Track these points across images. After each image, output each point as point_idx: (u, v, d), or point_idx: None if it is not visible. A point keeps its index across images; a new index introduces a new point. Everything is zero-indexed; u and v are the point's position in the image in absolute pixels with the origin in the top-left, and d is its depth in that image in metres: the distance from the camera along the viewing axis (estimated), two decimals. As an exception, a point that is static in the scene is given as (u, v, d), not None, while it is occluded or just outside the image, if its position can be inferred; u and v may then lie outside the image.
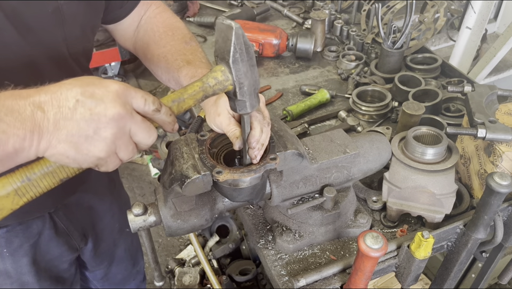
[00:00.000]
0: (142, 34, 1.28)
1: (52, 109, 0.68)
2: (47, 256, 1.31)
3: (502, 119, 1.28)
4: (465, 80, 1.72)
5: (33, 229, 1.23)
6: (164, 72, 1.19)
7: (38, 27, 0.98)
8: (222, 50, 0.84)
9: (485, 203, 1.03)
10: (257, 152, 0.94)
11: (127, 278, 1.82)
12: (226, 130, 0.96)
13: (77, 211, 1.38)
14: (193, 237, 1.74)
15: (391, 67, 1.81)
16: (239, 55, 0.82)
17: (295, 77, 1.93)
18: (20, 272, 1.26)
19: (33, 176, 0.75)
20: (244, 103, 0.87)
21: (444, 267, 1.25)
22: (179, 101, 0.83)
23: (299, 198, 1.14)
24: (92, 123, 0.68)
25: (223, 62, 0.84)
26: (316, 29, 2.04)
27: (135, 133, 0.74)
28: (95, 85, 0.70)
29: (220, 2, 2.49)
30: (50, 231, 1.28)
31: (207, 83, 0.84)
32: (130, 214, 1.04)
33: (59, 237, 1.32)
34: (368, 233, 0.89)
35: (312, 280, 1.07)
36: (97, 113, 0.68)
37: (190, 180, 0.92)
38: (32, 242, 1.24)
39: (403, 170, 1.16)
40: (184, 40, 1.22)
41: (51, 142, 0.69)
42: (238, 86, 0.84)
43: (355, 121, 1.60)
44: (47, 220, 1.27)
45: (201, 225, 1.07)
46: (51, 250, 1.32)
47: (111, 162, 0.75)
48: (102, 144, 0.71)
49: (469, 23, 2.36)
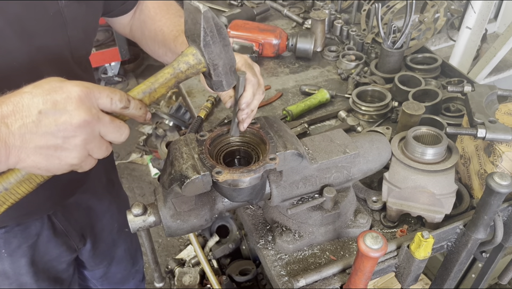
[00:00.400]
0: (138, 14, 1.29)
1: (15, 122, 0.65)
2: (46, 257, 1.31)
3: (502, 119, 1.28)
4: (465, 80, 1.72)
5: (32, 230, 1.23)
6: (161, 45, 1.19)
7: (40, 31, 0.97)
8: (192, 33, 0.81)
9: (484, 203, 1.03)
10: (245, 116, 0.95)
11: (126, 277, 1.82)
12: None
13: (76, 212, 1.38)
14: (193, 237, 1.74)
15: (391, 67, 1.81)
16: (210, 38, 0.80)
17: (295, 77, 1.92)
18: (18, 272, 1.26)
19: (9, 185, 0.74)
20: (220, 82, 0.86)
21: (443, 267, 1.25)
22: (150, 91, 0.81)
23: (299, 198, 1.14)
24: (59, 133, 0.67)
25: (194, 44, 0.82)
26: (315, 29, 2.04)
27: (105, 134, 0.73)
28: (56, 92, 0.67)
29: (220, 2, 2.49)
30: (48, 232, 1.28)
31: (179, 69, 0.82)
32: (129, 214, 1.04)
33: (57, 238, 1.32)
34: (368, 233, 0.89)
35: (312, 280, 1.07)
36: (62, 123, 0.66)
37: (189, 180, 0.92)
38: (31, 243, 1.24)
39: (403, 170, 1.16)
40: (178, 14, 1.23)
41: (20, 156, 0.67)
42: (212, 67, 0.83)
43: (355, 121, 1.60)
44: (46, 221, 1.27)
45: (201, 225, 1.07)
46: (49, 251, 1.32)
47: (86, 164, 0.74)
48: (74, 152, 0.69)
49: (469, 23, 2.36)
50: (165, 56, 1.20)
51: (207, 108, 1.68)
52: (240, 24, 2.01)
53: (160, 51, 1.22)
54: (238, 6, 2.43)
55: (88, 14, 1.10)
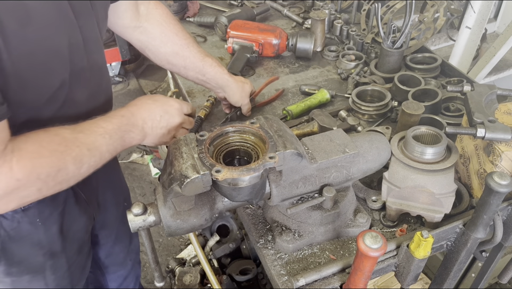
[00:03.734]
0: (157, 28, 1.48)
1: (150, 122, 1.20)
2: (73, 226, 1.36)
3: (501, 119, 1.29)
4: (464, 79, 1.72)
5: (60, 198, 1.28)
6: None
7: (82, 12, 1.09)
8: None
9: (484, 202, 1.03)
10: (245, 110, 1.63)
11: (126, 258, 1.88)
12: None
13: (92, 180, 1.40)
14: (193, 236, 1.74)
15: (390, 67, 1.81)
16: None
17: (295, 77, 1.93)
18: (51, 240, 1.30)
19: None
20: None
21: (443, 266, 1.25)
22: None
23: (298, 198, 1.14)
24: (167, 128, 1.24)
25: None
26: (315, 28, 2.04)
27: (185, 125, 1.31)
28: (167, 105, 1.24)
29: (220, 2, 2.50)
30: (72, 199, 1.33)
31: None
32: (129, 213, 1.04)
33: (79, 205, 1.37)
34: (367, 233, 0.89)
35: (311, 280, 1.07)
36: (171, 123, 1.24)
37: (189, 180, 0.92)
38: (60, 210, 1.29)
39: (402, 170, 1.16)
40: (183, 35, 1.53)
41: (147, 138, 1.22)
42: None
43: (355, 121, 1.60)
44: (69, 189, 1.30)
45: (201, 225, 1.07)
46: (75, 219, 1.37)
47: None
48: (168, 137, 1.27)
49: (469, 23, 2.36)
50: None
51: (207, 108, 1.68)
52: (240, 24, 2.02)
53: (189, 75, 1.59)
54: (238, 6, 2.43)
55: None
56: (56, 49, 1.03)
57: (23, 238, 1.23)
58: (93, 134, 1.05)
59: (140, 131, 1.18)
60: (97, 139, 1.05)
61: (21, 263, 1.28)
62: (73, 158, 0.99)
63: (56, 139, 0.98)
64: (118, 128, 1.11)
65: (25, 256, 1.27)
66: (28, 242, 1.25)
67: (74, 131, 1.02)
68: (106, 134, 1.07)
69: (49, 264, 1.33)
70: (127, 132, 1.14)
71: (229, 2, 2.49)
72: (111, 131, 1.09)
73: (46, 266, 1.33)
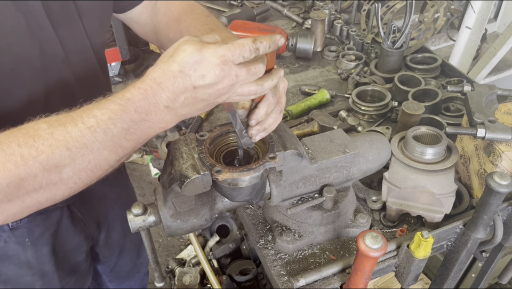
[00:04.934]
0: (161, 16, 1.27)
1: (181, 98, 0.81)
2: (66, 246, 1.33)
3: (502, 119, 1.28)
4: (465, 79, 1.72)
5: (53, 218, 1.24)
6: None
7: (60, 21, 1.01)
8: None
9: (484, 203, 1.03)
10: (255, 132, 0.94)
11: (132, 270, 1.84)
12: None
13: (92, 200, 1.38)
14: (193, 236, 1.74)
15: (390, 67, 1.81)
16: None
17: (295, 77, 1.93)
18: (41, 261, 1.27)
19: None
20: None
21: (443, 267, 1.25)
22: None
23: (299, 198, 1.14)
24: (210, 98, 0.83)
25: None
26: (315, 29, 2.04)
27: (243, 84, 0.86)
28: (200, 65, 0.80)
29: (220, 2, 2.49)
30: (68, 220, 1.29)
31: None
32: (129, 214, 1.04)
33: (76, 226, 1.33)
34: (367, 233, 0.89)
35: (311, 280, 1.07)
36: (212, 92, 0.82)
37: (189, 180, 0.92)
38: (52, 231, 1.25)
39: (403, 170, 1.16)
40: (204, 14, 1.21)
41: (179, 117, 0.85)
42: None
43: (355, 121, 1.60)
44: (65, 210, 1.28)
45: (201, 225, 1.07)
46: (69, 239, 1.33)
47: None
48: (214, 104, 0.88)
49: (469, 23, 2.36)
50: None
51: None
52: (240, 24, 2.02)
53: None
54: (238, 6, 2.43)
55: (101, 3, 1.12)
56: (25, 57, 0.97)
57: (10, 258, 1.18)
58: (77, 127, 0.77)
59: (163, 115, 0.82)
60: (85, 135, 0.77)
61: (7, 283, 1.23)
62: (41, 162, 0.75)
63: (19, 139, 0.75)
64: (118, 117, 0.79)
65: (12, 276, 1.23)
66: (15, 262, 1.20)
67: (54, 124, 0.77)
68: (99, 128, 0.78)
69: (39, 284, 1.29)
70: (136, 123, 0.81)
71: (229, 3, 2.48)
72: (108, 122, 0.78)
73: (35, 286, 1.28)
